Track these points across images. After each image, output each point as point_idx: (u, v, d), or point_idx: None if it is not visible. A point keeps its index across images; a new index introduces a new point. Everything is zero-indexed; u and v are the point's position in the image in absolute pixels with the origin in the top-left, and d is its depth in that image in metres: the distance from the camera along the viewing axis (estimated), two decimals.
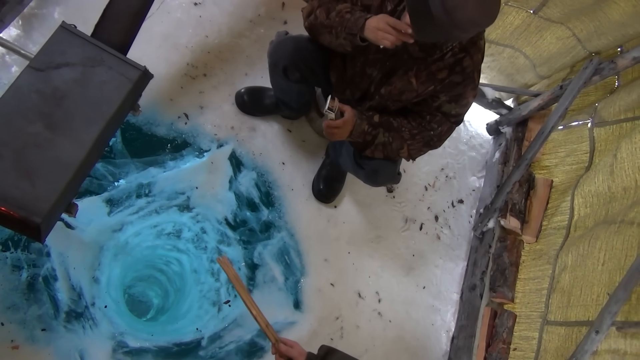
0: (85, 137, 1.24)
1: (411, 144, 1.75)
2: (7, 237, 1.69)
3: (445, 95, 1.65)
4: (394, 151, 1.76)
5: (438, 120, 1.71)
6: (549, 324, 1.98)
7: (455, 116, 1.71)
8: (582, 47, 2.22)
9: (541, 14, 2.13)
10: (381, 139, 1.73)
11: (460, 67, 1.59)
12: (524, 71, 2.49)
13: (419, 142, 1.75)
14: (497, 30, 2.27)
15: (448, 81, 1.62)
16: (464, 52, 1.57)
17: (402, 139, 1.74)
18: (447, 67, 1.59)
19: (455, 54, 1.57)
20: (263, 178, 2.21)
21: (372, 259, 2.33)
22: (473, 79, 1.63)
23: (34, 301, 1.67)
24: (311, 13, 1.67)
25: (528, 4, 2.10)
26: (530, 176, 2.44)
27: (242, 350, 1.96)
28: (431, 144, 1.77)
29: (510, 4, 2.12)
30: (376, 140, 1.73)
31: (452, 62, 1.58)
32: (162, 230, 2.14)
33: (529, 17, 2.16)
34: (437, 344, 2.34)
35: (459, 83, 1.62)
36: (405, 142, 1.74)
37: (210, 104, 2.18)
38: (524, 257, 2.34)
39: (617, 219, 1.82)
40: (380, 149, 1.75)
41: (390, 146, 1.74)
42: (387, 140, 1.73)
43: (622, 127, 2.06)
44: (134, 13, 1.45)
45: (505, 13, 2.18)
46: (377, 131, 1.72)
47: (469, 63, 1.58)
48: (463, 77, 1.60)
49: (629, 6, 1.93)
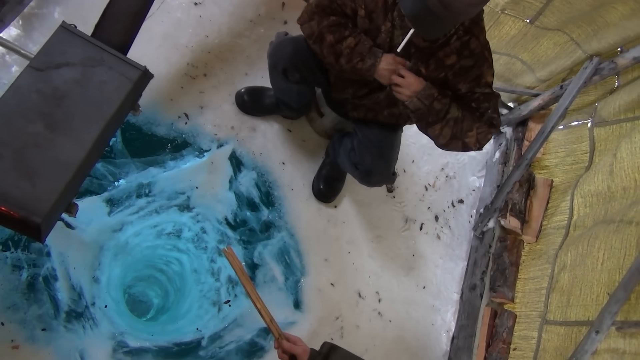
0: (86, 137, 1.24)
1: (479, 126, 1.63)
2: (7, 237, 1.69)
3: (463, 84, 1.61)
4: (464, 131, 1.62)
5: (482, 98, 1.62)
6: (548, 324, 1.98)
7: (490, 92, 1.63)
8: (582, 51, 2.20)
9: (537, 23, 2.11)
10: (454, 113, 1.59)
11: (468, 50, 1.55)
12: (522, 76, 2.48)
13: (485, 124, 1.64)
14: (493, 40, 2.23)
15: (459, 67, 1.58)
16: (469, 34, 1.54)
17: (473, 121, 1.62)
18: (455, 52, 1.56)
19: (460, 37, 1.54)
20: (263, 178, 2.21)
21: (372, 258, 2.33)
22: (486, 58, 1.58)
23: (34, 301, 1.67)
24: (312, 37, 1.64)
25: (524, 13, 2.08)
26: (530, 176, 2.44)
27: (242, 350, 1.96)
28: (495, 122, 1.66)
29: (506, 13, 2.10)
30: (448, 115, 1.58)
31: (458, 45, 1.55)
32: (162, 230, 2.14)
33: (525, 27, 2.14)
34: (437, 344, 2.34)
35: (472, 66, 1.58)
36: (475, 124, 1.62)
37: (210, 103, 2.18)
38: (524, 257, 2.34)
39: (617, 219, 1.82)
40: (451, 125, 1.60)
41: (461, 124, 1.60)
42: (460, 116, 1.60)
43: (622, 127, 2.06)
44: (134, 13, 1.46)
45: (502, 23, 2.16)
46: (447, 101, 1.58)
47: (476, 44, 1.55)
48: (474, 59, 1.57)
49: (627, 10, 1.92)
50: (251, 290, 1.42)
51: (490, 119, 1.65)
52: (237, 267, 1.43)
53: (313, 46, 1.67)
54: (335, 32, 1.59)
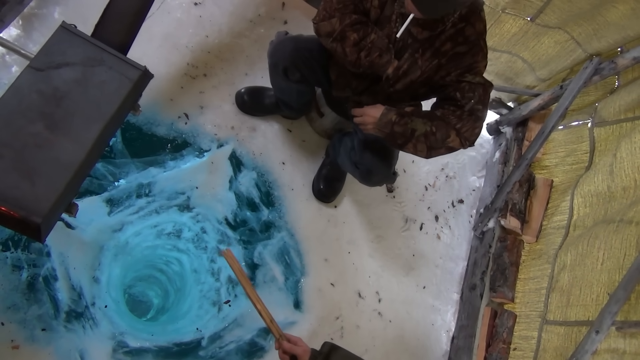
0: (86, 137, 1.24)
1: (461, 126, 1.61)
2: (7, 237, 1.69)
3: (455, 70, 1.60)
4: (439, 142, 1.61)
5: (468, 88, 1.60)
6: (548, 324, 1.98)
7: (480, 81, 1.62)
8: (582, 50, 2.21)
9: (538, 21, 2.11)
10: (422, 129, 1.59)
11: (462, 37, 1.56)
12: (523, 75, 2.48)
13: (468, 119, 1.61)
14: (494, 38, 2.24)
15: (453, 53, 1.58)
16: (464, 22, 1.55)
17: (448, 126, 1.60)
18: (449, 39, 1.57)
19: (455, 24, 1.55)
20: (263, 178, 2.21)
21: (372, 258, 2.33)
22: (480, 47, 1.57)
23: (34, 301, 1.67)
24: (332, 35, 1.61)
25: (525, 11, 2.09)
26: (530, 176, 2.44)
27: (242, 350, 1.96)
28: (479, 114, 1.63)
29: (507, 12, 2.10)
30: (416, 133, 1.60)
31: (453, 32, 1.55)
32: (162, 230, 2.14)
33: (526, 25, 2.15)
34: (437, 344, 2.34)
35: (465, 53, 1.57)
36: (454, 128, 1.60)
37: (210, 103, 2.18)
38: (524, 257, 2.34)
39: (616, 219, 1.82)
40: (423, 141, 1.61)
41: (433, 137, 1.60)
42: (430, 130, 1.60)
43: (622, 127, 2.06)
44: (134, 13, 1.45)
45: (502, 21, 2.16)
46: (410, 121, 1.60)
47: (471, 32, 1.55)
48: (468, 46, 1.56)
49: (628, 9, 1.92)
50: (251, 291, 1.43)
51: (472, 110, 1.61)
52: (236, 268, 1.44)
53: (331, 44, 1.63)
54: (359, 30, 1.58)
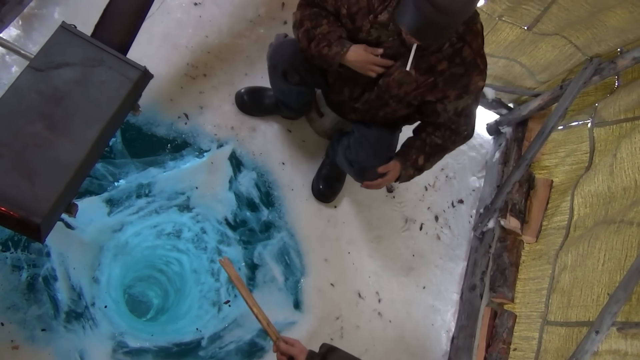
0: (85, 137, 1.23)
1: (453, 149, 1.86)
2: (7, 237, 1.69)
3: (452, 90, 1.64)
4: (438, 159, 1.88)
5: (463, 121, 1.76)
6: (549, 324, 1.98)
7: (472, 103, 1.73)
8: (582, 54, 2.20)
9: (535, 29, 2.10)
10: (427, 166, 1.85)
11: (460, 58, 1.58)
12: (522, 78, 2.47)
13: (459, 142, 1.84)
14: (491, 45, 2.23)
15: (449, 73, 1.60)
16: (462, 42, 1.56)
17: (444, 151, 1.85)
18: (447, 58, 1.58)
19: (452, 44, 1.56)
20: (263, 178, 2.20)
21: (372, 259, 2.33)
22: (477, 65, 1.60)
23: (34, 301, 1.67)
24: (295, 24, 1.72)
25: (522, 20, 2.07)
26: (530, 176, 2.44)
27: (242, 350, 1.96)
28: (468, 137, 1.86)
29: (504, 19, 2.09)
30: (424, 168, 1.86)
31: (450, 52, 1.57)
32: (162, 231, 2.14)
33: (523, 33, 2.14)
34: (437, 344, 2.34)
35: (462, 74, 1.60)
36: (447, 150, 1.85)
37: (210, 104, 2.18)
38: (524, 257, 2.34)
39: (617, 219, 1.82)
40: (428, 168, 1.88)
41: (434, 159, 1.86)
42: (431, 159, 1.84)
43: (622, 127, 2.05)
44: (134, 13, 1.45)
45: (499, 29, 2.15)
46: (418, 167, 1.84)
47: (468, 52, 1.57)
48: (465, 67, 1.59)
49: (626, 13, 1.91)
50: (248, 296, 1.47)
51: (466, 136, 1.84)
52: (233, 275, 1.49)
53: (294, 32, 1.73)
54: (313, 19, 1.66)
